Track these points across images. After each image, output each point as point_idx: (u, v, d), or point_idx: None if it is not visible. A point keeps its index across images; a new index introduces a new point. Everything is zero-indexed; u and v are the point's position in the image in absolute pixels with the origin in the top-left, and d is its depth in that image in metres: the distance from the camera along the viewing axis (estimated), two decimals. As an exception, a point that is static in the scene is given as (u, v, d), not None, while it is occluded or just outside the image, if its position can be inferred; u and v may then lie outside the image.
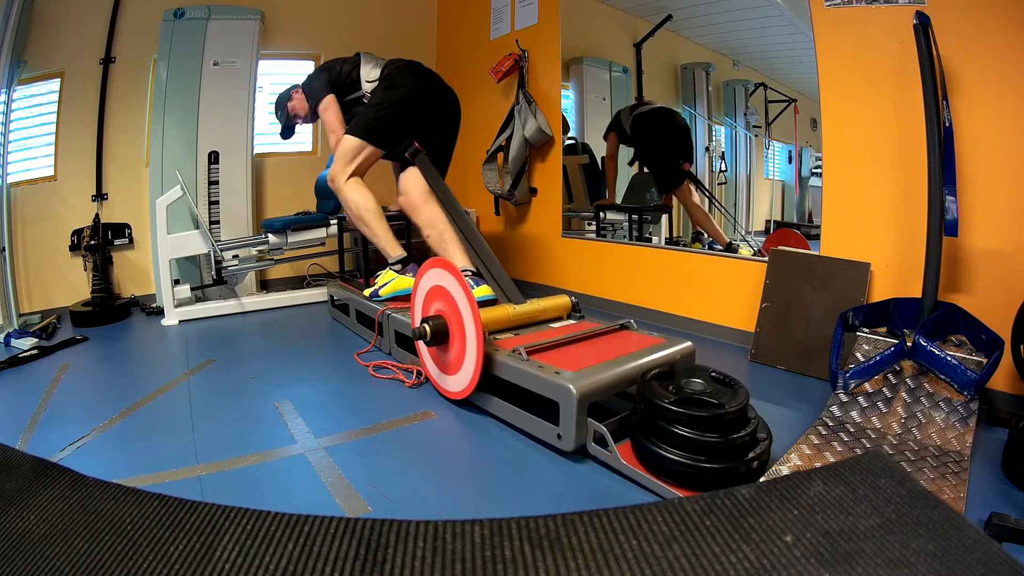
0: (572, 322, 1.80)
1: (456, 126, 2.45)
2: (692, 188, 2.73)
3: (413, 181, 2.21)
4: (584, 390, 1.24)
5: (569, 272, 3.04)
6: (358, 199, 2.21)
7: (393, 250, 2.24)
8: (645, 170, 3.00)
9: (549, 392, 1.30)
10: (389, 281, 2.17)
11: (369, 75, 2.30)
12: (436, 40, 3.96)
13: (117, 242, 2.88)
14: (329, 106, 2.30)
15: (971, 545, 0.65)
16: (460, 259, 2.04)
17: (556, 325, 1.77)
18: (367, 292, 2.27)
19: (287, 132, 2.64)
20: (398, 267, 2.22)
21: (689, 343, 1.56)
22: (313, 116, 2.45)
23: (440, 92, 2.35)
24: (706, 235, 2.74)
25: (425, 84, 2.30)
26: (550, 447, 1.34)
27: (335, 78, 2.32)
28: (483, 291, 1.89)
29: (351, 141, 2.19)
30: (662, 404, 1.14)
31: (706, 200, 2.72)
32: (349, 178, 2.21)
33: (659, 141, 2.85)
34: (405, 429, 1.47)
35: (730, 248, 2.57)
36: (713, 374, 1.25)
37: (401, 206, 2.32)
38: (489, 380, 1.49)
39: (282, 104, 2.52)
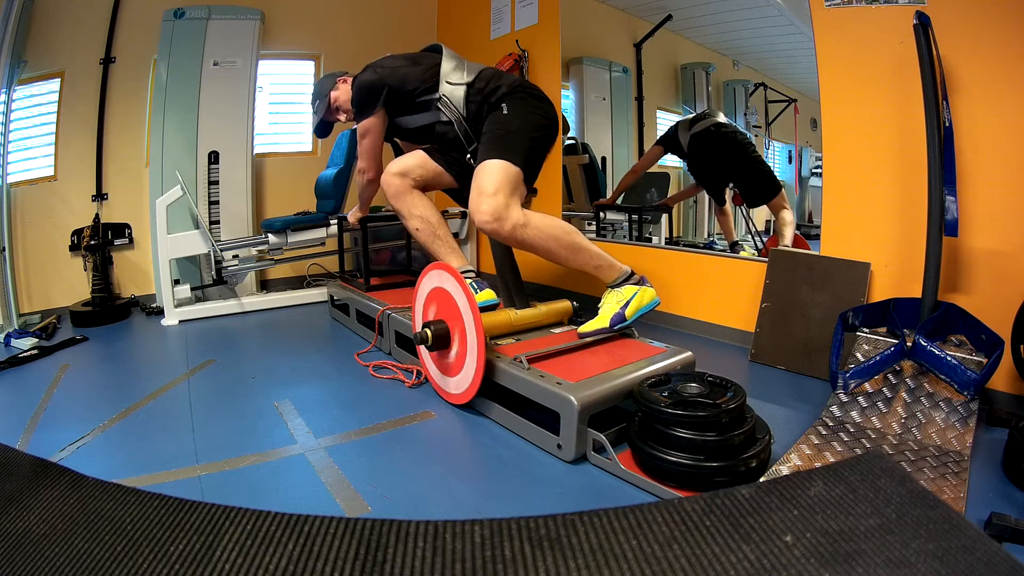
0: (573, 327, 1.79)
1: None
2: (728, 208, 2.68)
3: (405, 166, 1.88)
4: (585, 401, 1.25)
5: (569, 272, 3.04)
6: (552, 221, 1.70)
7: (615, 266, 1.74)
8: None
9: (550, 403, 1.30)
10: (632, 297, 1.68)
11: (451, 76, 1.85)
12: (436, 40, 3.96)
13: (117, 242, 2.88)
14: (371, 129, 1.91)
15: (971, 545, 0.65)
16: (456, 259, 1.87)
17: (557, 331, 1.77)
18: (590, 328, 1.66)
19: (323, 129, 2.20)
20: (635, 278, 1.75)
21: (689, 353, 1.56)
22: (357, 120, 2.00)
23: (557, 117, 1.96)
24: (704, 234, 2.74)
25: (555, 115, 1.88)
26: (550, 447, 1.34)
27: (399, 84, 1.86)
28: (485, 295, 1.80)
29: (515, 173, 1.68)
30: (659, 408, 1.14)
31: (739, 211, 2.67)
32: (517, 210, 1.66)
33: (715, 164, 2.70)
34: (405, 429, 1.47)
35: (734, 247, 2.57)
36: (709, 378, 1.26)
37: (384, 187, 1.92)
38: (490, 385, 1.49)
39: (324, 92, 2.09)
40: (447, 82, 1.85)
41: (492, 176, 1.66)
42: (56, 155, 2.72)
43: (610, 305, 1.68)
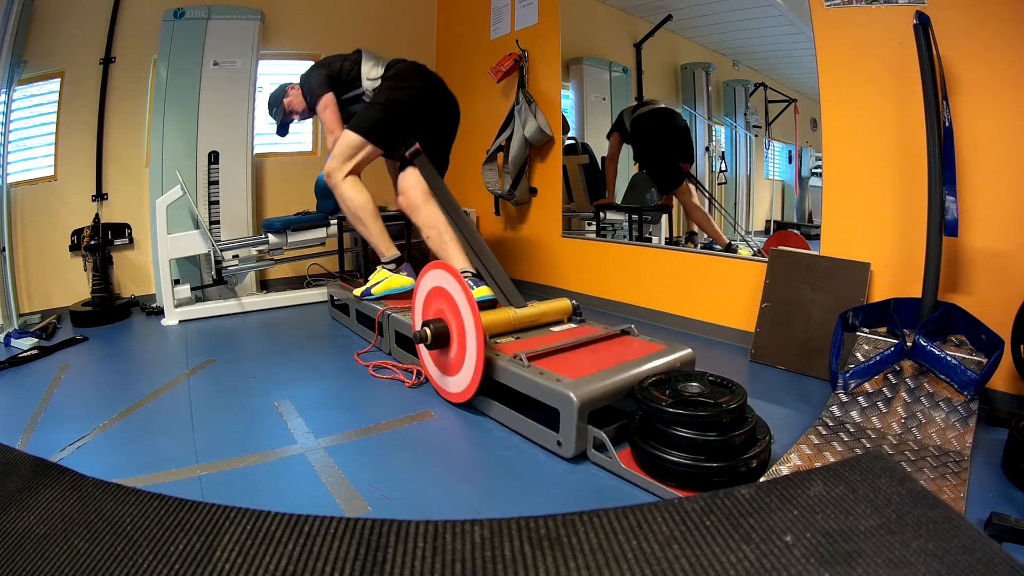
0: (573, 326, 1.80)
1: (454, 132, 2.45)
2: (692, 188, 2.72)
3: (413, 182, 2.20)
4: (585, 398, 1.25)
5: (569, 272, 3.04)
6: (356, 197, 2.21)
7: (388, 249, 2.27)
8: (644, 170, 3.00)
9: (550, 399, 1.30)
10: (382, 280, 2.20)
11: (370, 73, 2.27)
12: (436, 40, 3.96)
13: (117, 242, 2.88)
14: (328, 104, 2.27)
15: (971, 545, 0.65)
16: (460, 261, 2.03)
17: (557, 329, 1.77)
18: (358, 292, 2.27)
19: (283, 130, 2.61)
20: (392, 266, 2.25)
21: (689, 350, 1.55)
22: (310, 113, 2.44)
23: (443, 96, 2.34)
24: (702, 235, 2.74)
25: (430, 87, 2.29)
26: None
27: (334, 74, 2.29)
28: (483, 292, 1.88)
29: (352, 138, 2.16)
30: (660, 407, 1.14)
31: (706, 200, 2.71)
32: (347, 175, 2.20)
33: (658, 142, 2.84)
34: (405, 429, 1.47)
35: (729, 249, 2.57)
36: (710, 377, 1.26)
37: (400, 206, 2.31)
38: (489, 383, 1.49)
39: (277, 101, 2.50)
40: (367, 79, 2.27)
41: (336, 146, 2.22)
42: (56, 155, 2.72)
43: (370, 280, 2.24)
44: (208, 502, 0.79)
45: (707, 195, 2.71)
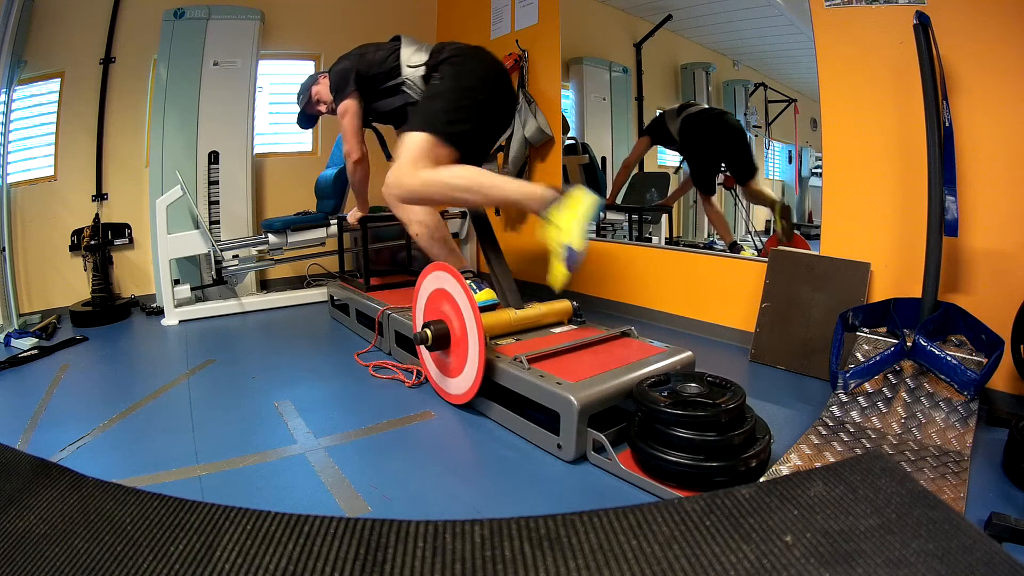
0: (573, 327, 1.79)
1: (508, 124, 2.14)
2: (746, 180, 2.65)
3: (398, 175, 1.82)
4: (585, 401, 1.25)
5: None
6: (450, 173, 1.65)
7: (528, 187, 1.69)
8: (645, 169, 3.00)
9: (550, 402, 1.30)
10: (564, 219, 1.64)
11: (411, 59, 1.92)
12: (436, 40, 3.96)
13: (117, 242, 2.88)
14: (349, 108, 2.02)
15: (971, 545, 0.65)
16: (454, 261, 1.98)
17: (557, 330, 1.77)
18: (562, 270, 1.57)
19: (306, 121, 2.39)
20: (551, 195, 1.67)
21: (689, 353, 1.56)
22: (337, 103, 2.12)
23: (507, 84, 1.95)
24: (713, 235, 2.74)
25: (493, 71, 1.88)
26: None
27: (366, 68, 1.99)
28: (485, 295, 1.86)
29: (420, 139, 1.65)
30: (659, 408, 1.14)
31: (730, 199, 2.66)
32: (406, 177, 1.65)
33: (709, 146, 2.73)
34: (405, 429, 1.48)
35: (734, 248, 2.57)
36: (708, 377, 1.26)
37: (386, 200, 1.86)
38: (490, 385, 1.49)
39: (306, 88, 2.29)
40: (408, 66, 1.93)
41: (399, 155, 1.67)
42: (56, 155, 2.72)
43: (553, 236, 1.60)
44: (208, 502, 0.79)
45: (734, 195, 2.65)
